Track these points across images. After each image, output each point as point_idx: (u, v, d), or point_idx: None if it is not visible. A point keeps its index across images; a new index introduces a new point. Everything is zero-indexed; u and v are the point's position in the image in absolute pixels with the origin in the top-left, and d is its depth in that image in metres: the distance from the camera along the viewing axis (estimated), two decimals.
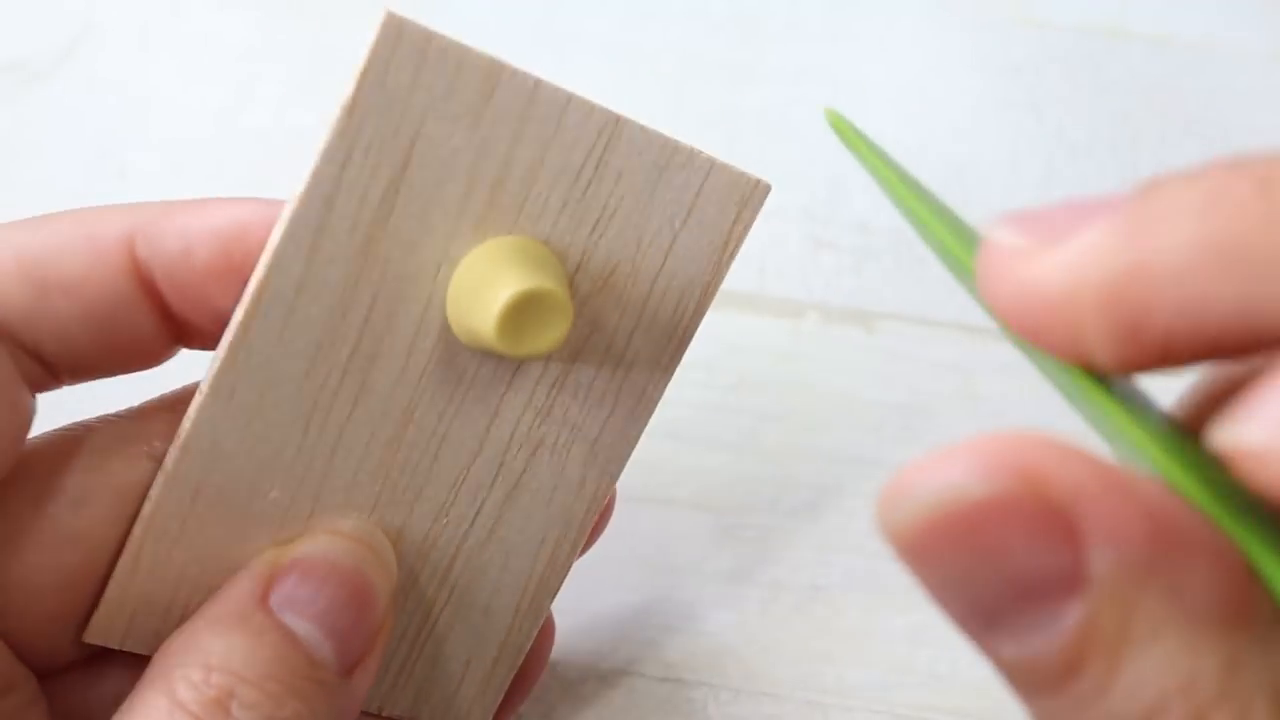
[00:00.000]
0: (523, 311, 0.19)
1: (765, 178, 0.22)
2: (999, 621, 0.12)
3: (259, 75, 0.38)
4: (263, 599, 0.20)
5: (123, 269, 0.20)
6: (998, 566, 0.12)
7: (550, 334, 0.19)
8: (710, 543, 0.30)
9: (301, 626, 0.20)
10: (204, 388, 0.19)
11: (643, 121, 0.21)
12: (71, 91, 0.37)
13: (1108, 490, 0.12)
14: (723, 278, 0.22)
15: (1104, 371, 0.13)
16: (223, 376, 0.19)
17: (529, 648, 0.25)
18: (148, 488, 0.20)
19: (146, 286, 0.20)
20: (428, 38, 0.18)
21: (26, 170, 0.36)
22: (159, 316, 0.20)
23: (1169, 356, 0.12)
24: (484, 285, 0.19)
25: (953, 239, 0.14)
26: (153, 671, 0.19)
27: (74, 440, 0.20)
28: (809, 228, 0.36)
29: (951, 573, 0.12)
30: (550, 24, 0.40)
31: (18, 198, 0.35)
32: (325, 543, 0.21)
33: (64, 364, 0.20)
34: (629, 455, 0.24)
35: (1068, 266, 0.12)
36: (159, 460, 0.20)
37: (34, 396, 0.20)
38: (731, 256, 0.22)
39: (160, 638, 0.20)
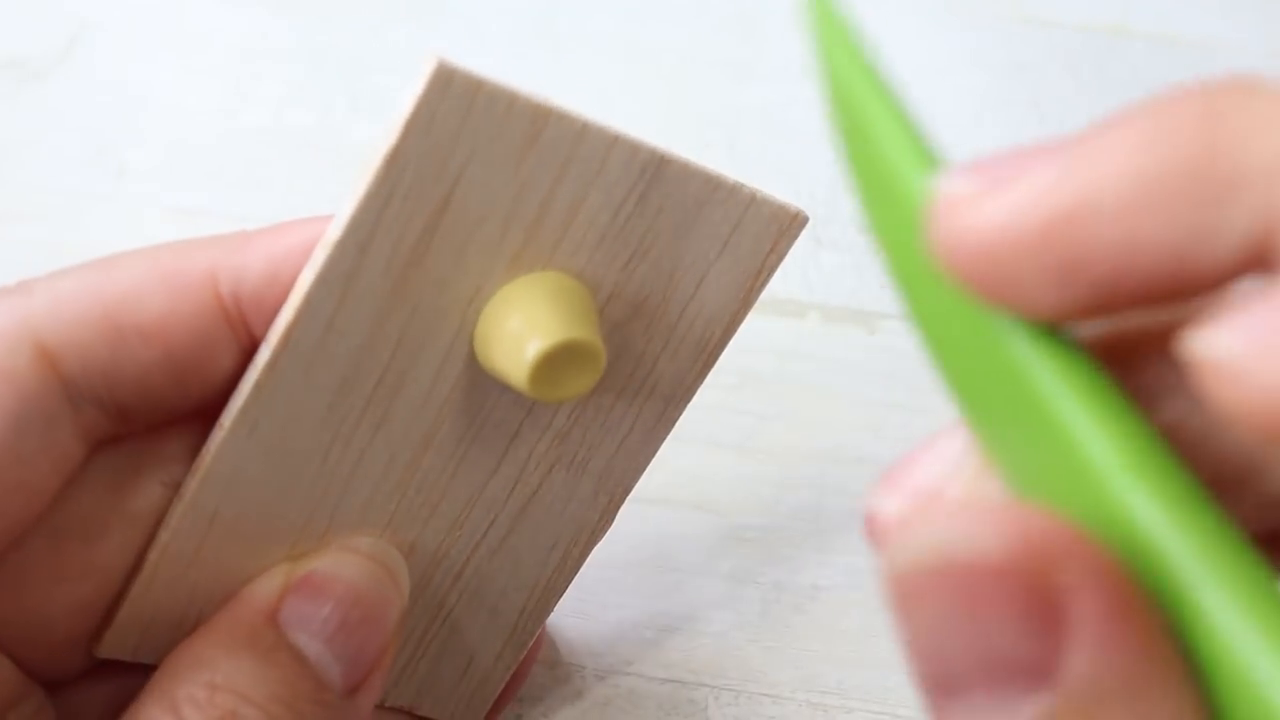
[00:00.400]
0: (555, 362, 0.19)
1: (802, 208, 0.21)
2: (960, 693, 0.12)
3: (258, 74, 0.38)
4: (273, 615, 0.20)
5: (205, 308, 0.19)
6: (980, 632, 0.12)
7: (582, 381, 0.19)
8: (711, 543, 0.30)
9: (312, 647, 0.19)
10: (225, 422, 0.19)
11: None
12: (69, 90, 0.37)
13: (1110, 599, 0.11)
14: (752, 304, 0.22)
15: (1043, 325, 0.12)
16: (246, 413, 0.19)
17: (530, 645, 0.25)
18: (161, 514, 0.20)
19: (233, 322, 0.19)
20: (477, 86, 0.17)
21: (25, 169, 0.36)
22: (246, 353, 0.20)
23: (1110, 301, 0.12)
24: (516, 333, 0.19)
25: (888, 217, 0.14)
26: (157, 684, 0.19)
27: (86, 466, 0.20)
28: (810, 227, 0.36)
29: (936, 625, 0.12)
30: (551, 22, 0.40)
31: (17, 197, 0.35)
32: (340, 561, 0.20)
33: (142, 410, 0.19)
34: (644, 469, 0.24)
35: (1009, 209, 0.12)
36: (172, 487, 0.20)
37: (90, 450, 0.19)
38: (763, 285, 0.22)
39: (170, 647, 0.20)
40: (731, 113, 0.38)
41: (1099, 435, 0.12)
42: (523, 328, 0.19)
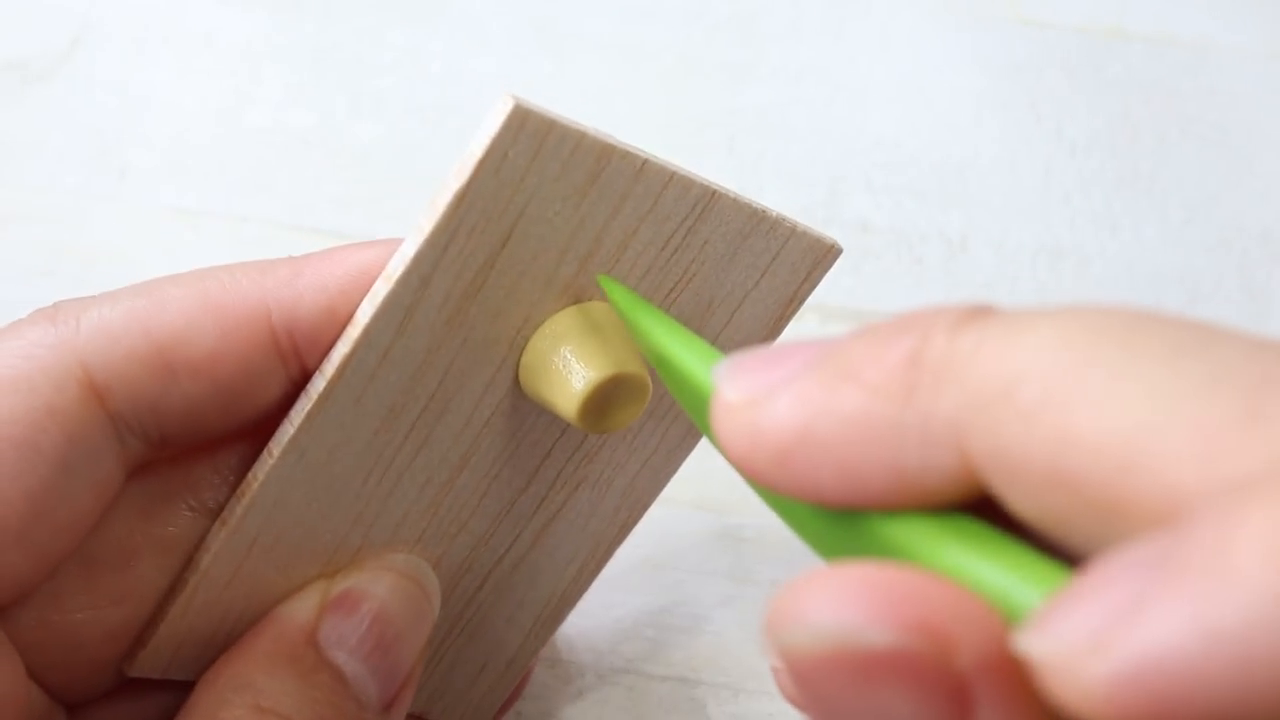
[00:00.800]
0: (605, 395, 0.19)
1: (838, 241, 0.22)
2: None
3: (259, 75, 0.38)
4: (313, 635, 0.20)
5: (257, 343, 0.19)
6: (878, 715, 0.12)
7: (629, 413, 0.19)
8: (711, 542, 0.30)
9: (350, 665, 0.19)
10: (274, 450, 0.19)
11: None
12: (72, 91, 0.37)
13: (1009, 672, 0.11)
14: (782, 330, 0.22)
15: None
16: (296, 441, 0.19)
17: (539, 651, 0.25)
18: (189, 539, 0.20)
19: (284, 354, 0.19)
20: (549, 126, 0.17)
21: (28, 170, 0.36)
22: (294, 383, 0.19)
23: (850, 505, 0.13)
24: (566, 365, 0.19)
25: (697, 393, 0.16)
26: (199, 703, 0.19)
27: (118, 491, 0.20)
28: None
29: (832, 708, 0.12)
30: (551, 24, 0.40)
31: (20, 197, 0.35)
32: (375, 578, 0.21)
33: (183, 439, 0.19)
34: (663, 487, 0.24)
35: (758, 429, 0.14)
36: (201, 511, 0.20)
37: (128, 477, 0.19)
38: (794, 312, 0.22)
39: (202, 664, 0.20)
40: (730, 114, 0.39)
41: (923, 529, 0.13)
42: (573, 361, 0.19)
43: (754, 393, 0.14)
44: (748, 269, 0.21)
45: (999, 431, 0.12)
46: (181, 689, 0.21)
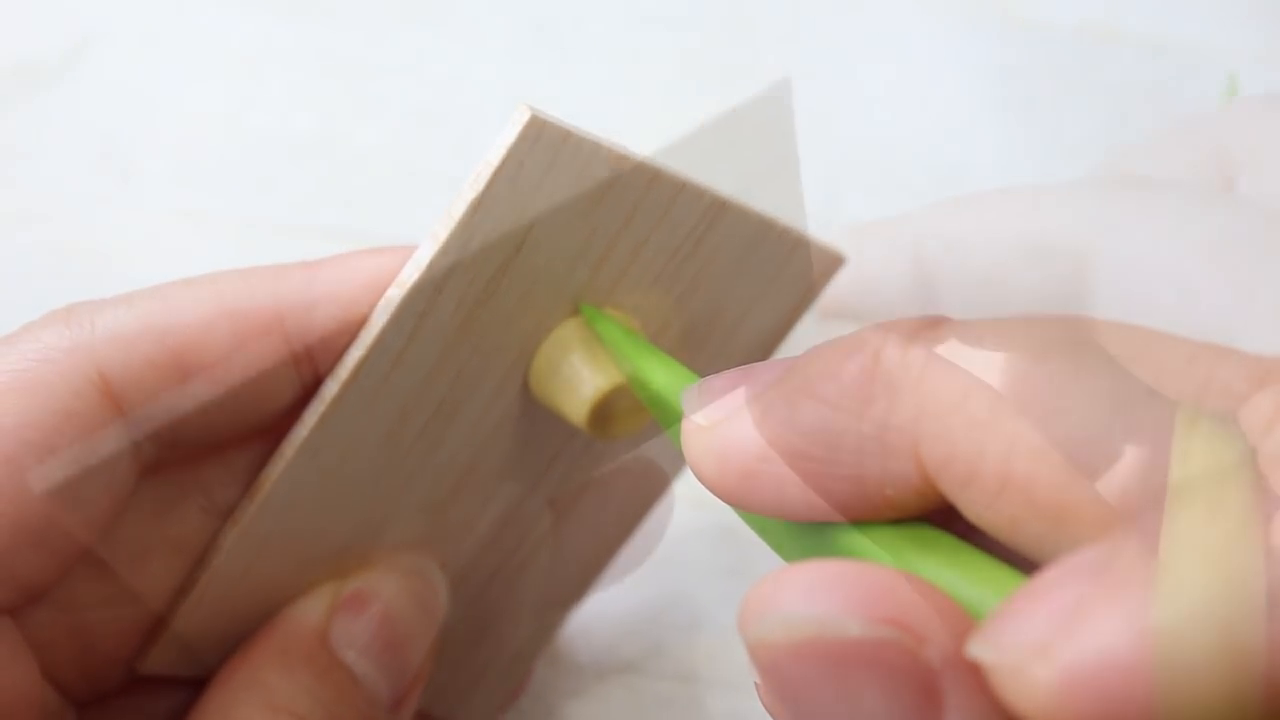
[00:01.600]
0: (613, 403, 0.19)
1: (844, 250, 0.22)
2: None
3: (264, 78, 0.38)
4: (325, 636, 0.20)
5: (271, 349, 0.19)
6: (849, 707, 0.12)
7: (637, 420, 0.20)
8: (710, 540, 0.31)
9: (361, 665, 0.20)
10: (287, 452, 0.19)
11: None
12: (77, 95, 0.38)
13: (974, 667, 0.12)
14: (786, 336, 0.23)
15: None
16: (309, 444, 0.19)
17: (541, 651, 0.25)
18: (200, 539, 0.20)
19: (297, 360, 0.19)
20: (565, 137, 0.18)
21: (34, 172, 0.36)
22: (306, 388, 0.20)
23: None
24: (576, 373, 0.19)
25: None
26: (212, 701, 0.19)
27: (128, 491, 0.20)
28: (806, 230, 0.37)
29: (805, 706, 0.12)
30: (551, 27, 0.40)
31: (26, 199, 0.35)
32: (385, 579, 0.21)
33: (194, 442, 0.20)
34: (668, 489, 0.24)
35: (724, 450, 0.15)
36: (212, 512, 0.20)
37: (140, 479, 0.20)
38: (799, 318, 0.22)
39: (213, 661, 0.20)
40: None
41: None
42: (583, 368, 0.19)
43: (719, 415, 0.15)
44: (756, 277, 0.21)
45: (951, 441, 0.12)
46: (192, 687, 0.21)
